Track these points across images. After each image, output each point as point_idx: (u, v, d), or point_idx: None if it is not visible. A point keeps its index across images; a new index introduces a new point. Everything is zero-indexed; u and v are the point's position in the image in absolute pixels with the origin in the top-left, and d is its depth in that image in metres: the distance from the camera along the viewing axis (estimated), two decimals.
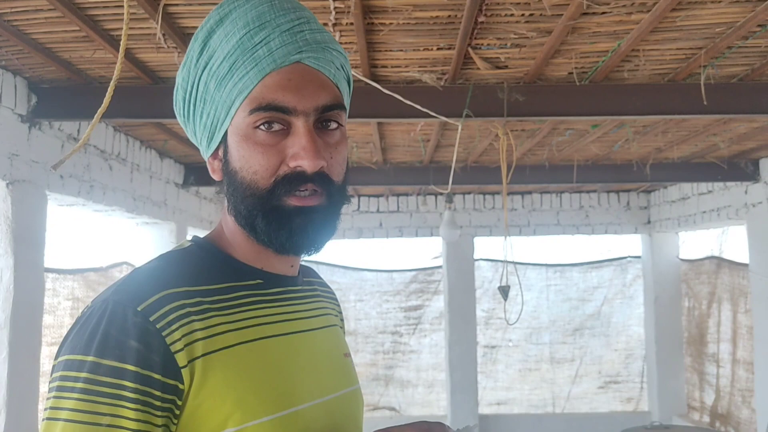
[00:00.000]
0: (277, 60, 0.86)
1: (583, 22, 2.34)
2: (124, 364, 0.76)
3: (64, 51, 2.62)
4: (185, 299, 0.83)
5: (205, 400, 0.80)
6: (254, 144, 0.86)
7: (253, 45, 0.86)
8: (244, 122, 0.86)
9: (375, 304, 7.36)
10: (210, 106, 0.88)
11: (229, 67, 0.86)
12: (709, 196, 5.66)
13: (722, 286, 6.05)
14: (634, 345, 7.28)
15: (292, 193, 0.86)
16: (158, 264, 0.89)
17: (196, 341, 0.81)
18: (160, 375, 0.77)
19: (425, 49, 2.60)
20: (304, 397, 0.89)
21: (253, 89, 0.85)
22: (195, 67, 0.89)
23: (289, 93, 0.85)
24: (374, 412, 7.25)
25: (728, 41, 2.48)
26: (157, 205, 4.49)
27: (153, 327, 0.78)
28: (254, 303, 0.90)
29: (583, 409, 7.28)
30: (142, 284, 0.83)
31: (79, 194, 3.44)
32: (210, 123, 0.89)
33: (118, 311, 0.79)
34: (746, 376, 5.57)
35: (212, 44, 0.87)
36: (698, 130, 3.96)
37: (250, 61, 0.85)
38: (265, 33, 0.86)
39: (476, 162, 4.91)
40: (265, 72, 0.85)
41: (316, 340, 0.97)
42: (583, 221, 6.89)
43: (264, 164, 0.86)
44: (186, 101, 0.91)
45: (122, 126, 3.84)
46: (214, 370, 0.81)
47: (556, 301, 7.34)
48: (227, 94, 0.86)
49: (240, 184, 0.87)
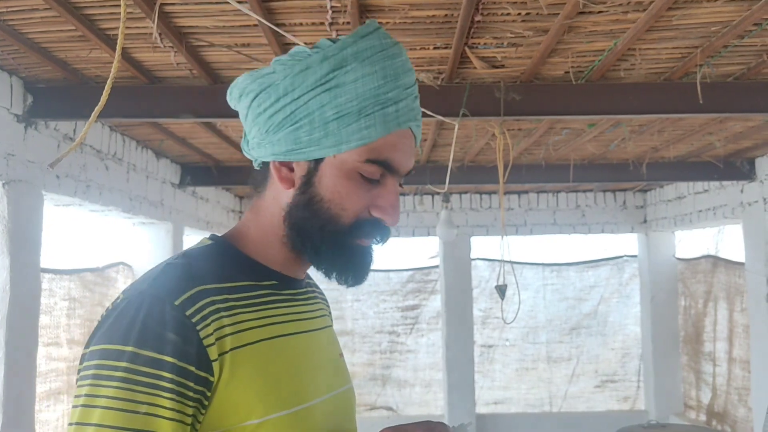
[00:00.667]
0: (401, 123, 0.92)
1: (579, 21, 2.34)
2: (162, 355, 0.80)
3: (60, 50, 2.61)
4: (215, 296, 0.87)
5: (231, 392, 0.84)
6: (354, 185, 0.91)
7: (386, 100, 0.90)
8: (353, 164, 0.91)
9: (372, 303, 7.36)
10: (311, 126, 0.90)
11: (357, 110, 0.89)
12: (705, 195, 5.67)
13: (718, 285, 6.07)
14: (630, 344, 7.29)
15: (368, 238, 0.95)
16: (188, 260, 0.93)
17: (226, 336, 0.85)
18: (195, 367, 0.81)
19: (422, 48, 2.60)
20: (314, 393, 0.94)
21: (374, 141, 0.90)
22: (313, 85, 0.90)
23: (402, 156, 0.93)
24: (371, 411, 7.25)
25: (724, 40, 2.48)
26: (154, 205, 4.48)
27: (189, 321, 0.82)
28: (272, 302, 0.95)
29: (580, 408, 7.29)
30: (178, 279, 0.87)
31: (76, 194, 3.43)
32: (302, 139, 0.91)
33: (156, 304, 0.83)
34: (742, 375, 5.59)
35: (343, 77, 0.89)
36: (694, 129, 3.97)
37: (380, 115, 0.90)
38: (397, 92, 0.91)
39: (473, 161, 4.91)
40: (389, 131, 0.91)
41: (319, 340, 1.02)
42: (580, 220, 6.90)
43: (354, 206, 0.92)
44: (278, 104, 0.92)
45: (118, 126, 3.84)
46: (240, 364, 0.85)
47: (552, 301, 7.35)
48: (346, 132, 0.89)
49: (323, 212, 0.92)
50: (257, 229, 0.98)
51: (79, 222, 5.15)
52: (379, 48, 0.91)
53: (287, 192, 0.94)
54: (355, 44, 0.90)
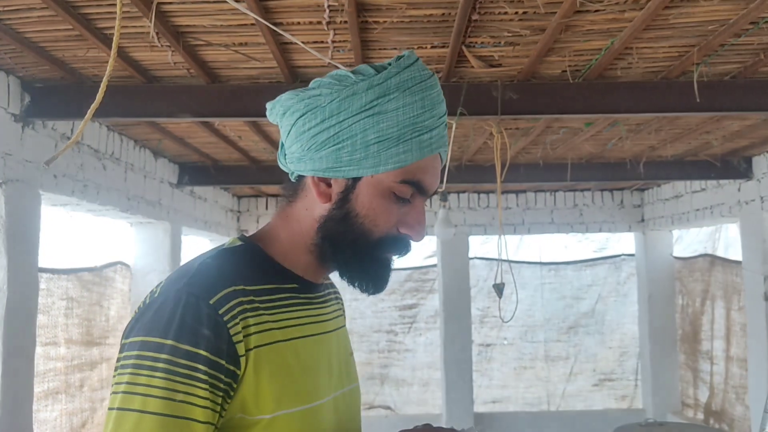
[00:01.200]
0: (434, 150, 1.00)
1: (576, 20, 2.35)
2: (198, 349, 0.88)
3: (57, 50, 2.61)
4: (243, 296, 0.94)
5: (251, 387, 0.92)
6: (387, 204, 0.99)
7: (423, 128, 0.98)
8: (389, 184, 0.98)
9: (370, 303, 7.36)
10: (353, 148, 0.97)
11: (397, 136, 0.96)
12: (702, 194, 5.68)
13: (716, 284, 6.08)
14: (628, 342, 7.31)
15: (394, 253, 1.03)
16: (220, 261, 1.00)
17: (251, 335, 0.93)
18: (225, 361, 0.89)
19: (419, 47, 2.61)
20: (323, 392, 1.02)
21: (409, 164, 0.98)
22: (358, 110, 0.96)
23: (432, 179, 1.01)
24: (370, 411, 7.25)
25: (721, 39, 2.49)
26: (152, 205, 4.48)
27: (221, 319, 0.90)
28: (292, 305, 1.02)
29: (578, 406, 7.30)
30: (213, 279, 0.94)
31: (73, 194, 3.43)
32: (343, 159, 0.97)
33: (193, 302, 0.90)
34: (740, 373, 5.60)
35: (386, 105, 0.96)
36: (691, 128, 3.98)
37: (417, 142, 0.97)
38: (432, 121, 0.99)
39: (471, 161, 4.92)
40: (423, 156, 0.99)
41: (333, 341, 1.09)
42: (578, 219, 6.91)
43: (386, 223, 1.00)
44: (323, 125, 0.98)
45: (116, 125, 3.84)
46: (261, 361, 0.93)
47: (550, 300, 7.36)
48: (386, 155, 0.97)
49: (357, 227, 1.00)
50: (286, 235, 1.05)
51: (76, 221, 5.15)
52: (419, 79, 0.99)
53: (323, 205, 1.01)
54: (399, 75, 0.97)
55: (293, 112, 1.01)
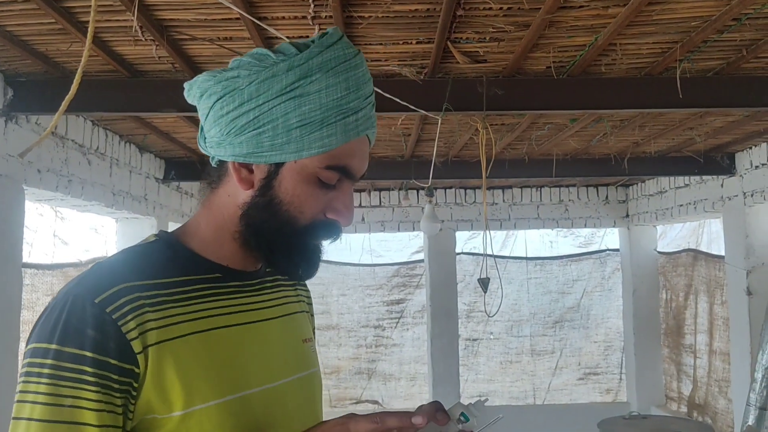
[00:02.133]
0: (360, 132, 0.96)
1: (560, 15, 2.36)
2: (83, 351, 0.85)
3: (40, 44, 2.59)
4: (140, 292, 0.90)
5: (157, 385, 0.88)
6: (312, 189, 0.95)
7: (347, 110, 0.94)
8: (313, 170, 0.95)
9: (358, 298, 7.38)
10: (274, 132, 0.93)
11: (320, 119, 0.92)
12: (685, 190, 5.73)
13: (699, 279, 6.14)
14: (612, 337, 7.37)
15: (323, 239, 1.00)
16: (119, 258, 0.97)
17: (150, 330, 0.89)
18: (116, 360, 0.86)
19: (404, 42, 2.61)
20: (252, 383, 0.97)
21: (334, 148, 0.94)
22: (278, 92, 0.92)
23: (360, 162, 0.98)
24: (357, 405, 7.27)
25: (704, 35, 2.51)
26: (137, 200, 4.46)
27: (109, 317, 0.86)
28: (210, 295, 0.98)
29: (563, 400, 7.35)
30: (101, 278, 0.91)
31: (57, 189, 3.40)
32: (264, 144, 0.94)
33: (78, 303, 0.87)
34: (723, 367, 5.66)
35: (308, 87, 0.92)
36: (675, 124, 4.01)
37: (342, 124, 0.94)
38: (358, 102, 0.95)
39: (457, 156, 4.93)
40: (348, 139, 0.95)
41: (269, 329, 1.05)
42: (563, 215, 6.95)
43: (311, 209, 0.96)
44: (241, 109, 0.93)
45: (101, 120, 3.81)
46: (166, 357, 0.89)
47: (536, 294, 7.40)
48: (308, 139, 0.93)
49: (282, 214, 0.96)
50: (208, 225, 1.02)
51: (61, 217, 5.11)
52: (343, 58, 0.94)
53: (245, 192, 0.97)
54: (321, 55, 0.93)
55: (210, 95, 0.96)
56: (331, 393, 7.29)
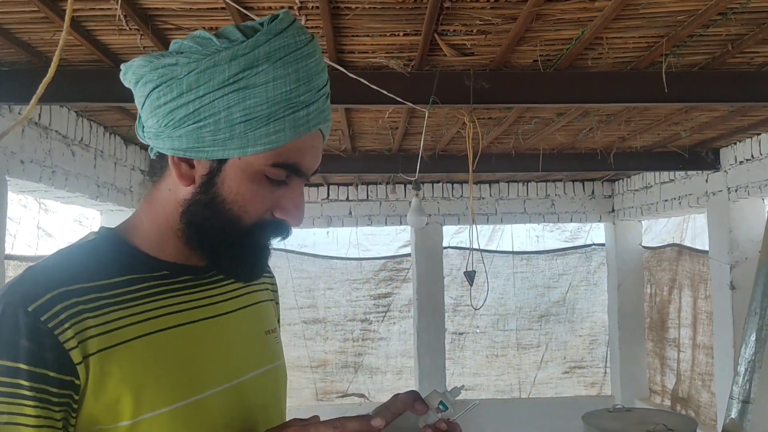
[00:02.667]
0: (311, 127, 0.89)
1: (547, 8, 2.36)
2: (17, 363, 0.78)
3: (23, 32, 2.56)
4: (78, 297, 0.83)
5: (102, 395, 0.82)
6: (258, 188, 0.88)
7: (297, 103, 0.86)
8: (259, 167, 0.87)
9: (344, 292, 7.38)
10: (216, 127, 0.85)
11: (267, 114, 0.85)
12: (671, 185, 5.77)
13: (683, 273, 6.19)
14: (597, 331, 7.42)
15: (269, 239, 0.93)
16: (54, 260, 0.89)
17: (90, 338, 0.82)
18: (55, 372, 0.79)
19: (392, 34, 2.60)
20: (208, 384, 0.90)
21: (282, 145, 0.87)
22: (220, 84, 0.84)
23: (311, 160, 0.91)
24: (344, 399, 7.28)
25: (689, 30, 2.52)
26: (122, 192, 4.42)
27: (44, 326, 0.80)
28: (157, 294, 0.91)
29: (548, 393, 7.40)
30: (35, 283, 0.83)
31: (41, 180, 3.37)
32: (206, 139, 0.86)
33: (9, 312, 0.80)
34: (706, 361, 5.72)
35: (253, 78, 0.84)
36: (660, 119, 4.03)
37: (291, 120, 0.86)
38: (309, 95, 0.87)
39: (444, 150, 4.93)
40: (298, 135, 0.87)
41: (228, 323, 0.98)
42: (549, 210, 6.98)
43: (257, 208, 0.89)
44: (180, 100, 0.86)
45: (85, 111, 3.78)
46: (110, 365, 0.83)
47: (522, 288, 7.44)
48: (254, 135, 0.85)
49: (225, 213, 0.89)
50: (150, 220, 0.95)
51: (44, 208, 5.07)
52: (294, 47, 0.86)
53: (186, 188, 0.90)
54: (268, 43, 0.85)
55: (146, 83, 0.88)
56: (318, 386, 7.30)
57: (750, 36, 2.61)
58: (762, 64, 2.96)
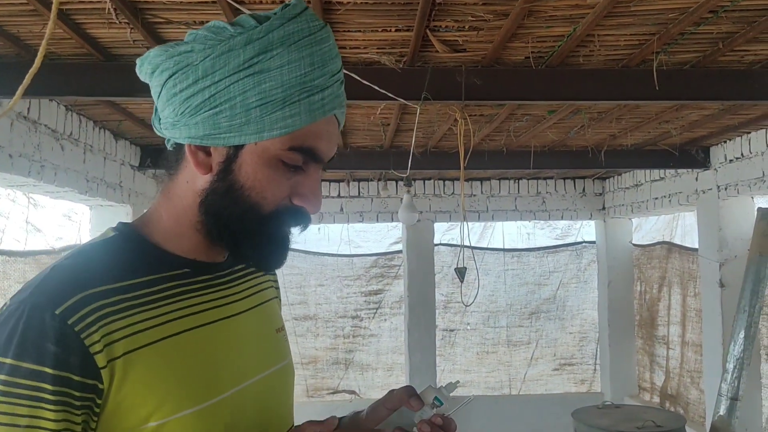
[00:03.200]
0: (327, 111, 0.89)
1: (539, 5, 2.36)
2: (42, 367, 0.78)
3: (11, 25, 2.54)
4: (104, 299, 0.83)
5: (125, 398, 0.82)
6: (275, 173, 0.88)
7: (312, 87, 0.87)
8: (275, 152, 0.87)
9: (336, 288, 7.37)
10: (232, 112, 0.86)
11: (282, 98, 0.85)
12: (661, 183, 5.79)
13: (672, 271, 6.22)
14: (588, 328, 7.45)
15: (289, 226, 0.92)
16: (77, 261, 0.88)
17: (116, 341, 0.82)
18: (79, 376, 0.79)
19: (383, 30, 2.59)
20: (229, 384, 0.91)
21: (298, 129, 0.87)
22: (235, 69, 0.85)
23: (327, 145, 0.91)
24: (335, 395, 7.28)
25: (680, 27, 2.53)
26: (112, 188, 4.40)
27: (71, 330, 0.79)
28: (179, 294, 0.91)
29: (539, 390, 7.43)
30: (61, 285, 0.83)
31: (30, 174, 3.35)
32: (222, 125, 0.86)
33: (36, 314, 0.79)
34: (695, 358, 5.75)
35: (268, 62, 0.85)
36: (651, 117, 4.05)
37: (306, 103, 0.86)
38: (324, 79, 0.88)
39: (436, 147, 4.93)
40: (314, 120, 0.88)
41: (244, 322, 0.99)
42: (540, 207, 6.99)
43: (275, 194, 0.89)
44: (196, 87, 0.86)
45: (74, 105, 3.75)
46: (135, 368, 0.83)
47: (513, 285, 7.45)
48: (270, 120, 0.86)
49: (243, 200, 0.88)
50: (169, 214, 0.95)
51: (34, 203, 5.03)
52: (307, 32, 0.87)
53: (204, 177, 0.91)
54: (282, 27, 0.86)
55: (162, 71, 0.89)
56: (308, 383, 7.29)
57: (740, 34, 2.62)
58: (753, 62, 2.98)
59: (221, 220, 0.90)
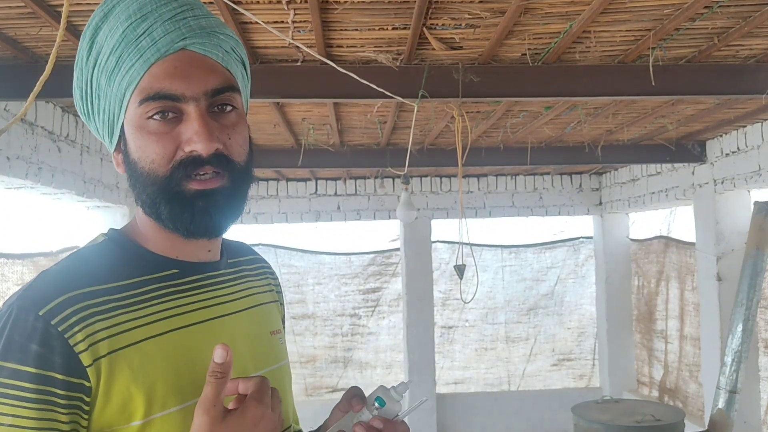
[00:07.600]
0: (161, 49, 0.87)
1: (535, 2, 2.36)
2: (24, 366, 0.80)
3: (8, 28, 2.53)
4: (89, 300, 0.85)
5: (112, 396, 0.84)
6: (148, 134, 0.88)
7: (137, 36, 0.87)
8: (136, 113, 0.88)
9: (333, 287, 7.37)
10: (104, 101, 0.90)
11: (116, 61, 0.87)
12: (657, 178, 5.81)
13: (670, 265, 6.24)
14: (586, 323, 7.47)
15: (192, 178, 0.88)
16: (66, 265, 0.91)
17: (100, 341, 0.84)
18: (63, 375, 0.81)
19: (380, 28, 2.60)
20: None
21: (141, 80, 0.87)
22: (86, 65, 0.91)
23: (177, 80, 0.87)
24: (333, 393, 7.28)
25: (676, 23, 2.54)
26: (109, 189, 4.40)
27: (55, 330, 0.81)
28: (167, 295, 0.92)
29: (537, 386, 7.45)
30: (46, 288, 0.85)
31: (27, 176, 3.34)
32: (107, 118, 0.91)
33: (21, 316, 0.82)
34: (693, 352, 5.77)
35: (99, 41, 0.89)
36: (647, 112, 4.06)
37: (135, 52, 0.86)
38: (147, 24, 0.87)
39: (433, 144, 4.94)
40: (150, 62, 0.87)
41: (234, 324, 0.99)
42: (537, 203, 7.01)
43: (160, 152, 0.88)
44: (84, 99, 0.93)
45: (71, 106, 3.75)
46: (120, 367, 0.84)
47: (511, 282, 7.47)
48: (117, 87, 0.88)
49: (140, 174, 0.89)
50: (139, 219, 0.98)
51: (31, 205, 5.03)
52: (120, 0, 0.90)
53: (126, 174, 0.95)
54: (101, 9, 0.90)
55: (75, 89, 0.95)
56: (307, 382, 7.30)
57: (736, 29, 2.63)
58: (748, 56, 2.99)
59: (141, 201, 0.93)
